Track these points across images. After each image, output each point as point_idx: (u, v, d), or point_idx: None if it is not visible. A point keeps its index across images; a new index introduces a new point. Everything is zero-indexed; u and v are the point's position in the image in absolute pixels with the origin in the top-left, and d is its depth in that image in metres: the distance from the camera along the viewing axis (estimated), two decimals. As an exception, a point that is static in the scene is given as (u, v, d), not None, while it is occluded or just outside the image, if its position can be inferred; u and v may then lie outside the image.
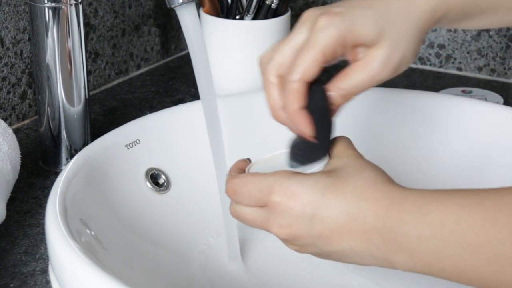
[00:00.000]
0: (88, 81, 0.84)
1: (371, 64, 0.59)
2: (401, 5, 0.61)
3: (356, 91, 0.60)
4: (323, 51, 0.59)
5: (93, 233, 0.64)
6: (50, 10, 0.78)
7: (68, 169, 0.68)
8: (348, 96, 0.60)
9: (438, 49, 1.11)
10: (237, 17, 0.96)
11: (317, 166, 0.60)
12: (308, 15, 0.62)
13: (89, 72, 1.01)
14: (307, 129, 0.59)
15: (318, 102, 0.59)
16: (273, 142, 0.77)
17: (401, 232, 0.52)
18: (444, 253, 0.50)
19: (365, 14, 0.59)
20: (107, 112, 0.98)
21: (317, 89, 0.59)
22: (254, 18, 0.94)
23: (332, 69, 0.63)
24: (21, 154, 0.75)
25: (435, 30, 1.10)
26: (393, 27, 0.60)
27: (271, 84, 0.61)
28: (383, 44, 0.59)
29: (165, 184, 0.76)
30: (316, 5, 1.16)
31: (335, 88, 0.60)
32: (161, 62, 1.14)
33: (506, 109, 0.82)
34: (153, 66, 1.12)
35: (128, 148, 0.75)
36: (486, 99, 0.99)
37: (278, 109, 0.61)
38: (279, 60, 0.61)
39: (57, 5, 0.78)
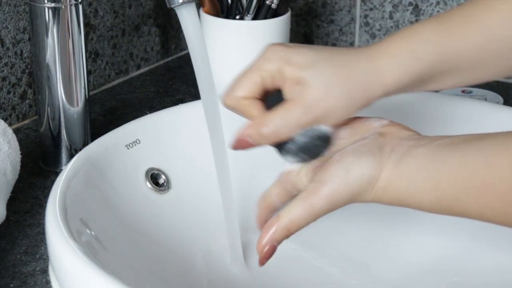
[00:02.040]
0: (88, 81, 0.84)
1: (293, 105, 0.59)
2: (350, 61, 0.61)
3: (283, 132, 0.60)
4: (261, 75, 0.61)
5: (93, 233, 0.64)
6: (50, 10, 0.78)
7: (68, 169, 0.68)
8: (280, 135, 0.60)
9: (438, 49, 1.11)
10: (237, 17, 0.95)
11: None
12: (264, 47, 0.63)
13: (89, 72, 1.01)
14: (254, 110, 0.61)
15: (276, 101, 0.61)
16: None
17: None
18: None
19: (308, 54, 0.60)
20: (107, 112, 0.98)
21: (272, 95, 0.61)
22: (254, 18, 0.94)
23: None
24: (21, 154, 0.75)
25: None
26: (331, 75, 0.59)
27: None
28: (313, 88, 0.59)
29: (165, 184, 0.76)
30: (316, 5, 1.16)
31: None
32: (161, 62, 1.14)
33: (506, 109, 0.82)
34: (153, 66, 1.12)
35: (128, 148, 0.75)
36: (486, 99, 0.99)
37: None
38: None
39: (57, 5, 0.78)
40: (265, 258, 0.60)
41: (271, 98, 0.61)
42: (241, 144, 0.61)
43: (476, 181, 0.54)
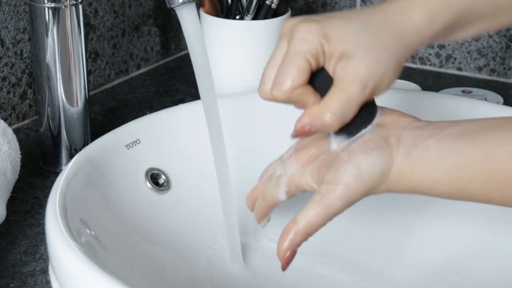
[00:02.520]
0: (88, 81, 0.84)
1: (349, 83, 0.56)
2: (383, 20, 0.58)
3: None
4: (306, 58, 0.57)
5: (93, 233, 0.64)
6: (50, 10, 0.78)
7: (68, 169, 0.68)
8: (344, 118, 0.58)
9: (438, 49, 1.11)
10: (237, 17, 0.95)
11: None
12: (286, 26, 0.59)
13: (89, 72, 1.01)
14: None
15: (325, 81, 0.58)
16: (273, 141, 0.77)
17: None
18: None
19: (344, 25, 0.57)
20: (107, 112, 0.98)
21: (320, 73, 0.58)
22: (254, 18, 0.94)
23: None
24: (21, 154, 0.75)
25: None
26: (374, 42, 0.57)
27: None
28: (362, 59, 0.56)
29: (165, 184, 0.76)
30: (316, 5, 1.16)
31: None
32: (161, 62, 1.14)
33: (506, 109, 0.82)
34: (153, 66, 1.12)
35: (128, 148, 0.75)
36: (486, 99, 0.99)
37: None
38: (268, 84, 0.59)
39: (57, 5, 0.78)
40: (287, 263, 0.59)
41: (317, 78, 0.57)
42: (302, 134, 0.58)
43: (501, 175, 0.54)
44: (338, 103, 0.56)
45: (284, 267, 0.60)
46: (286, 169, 0.61)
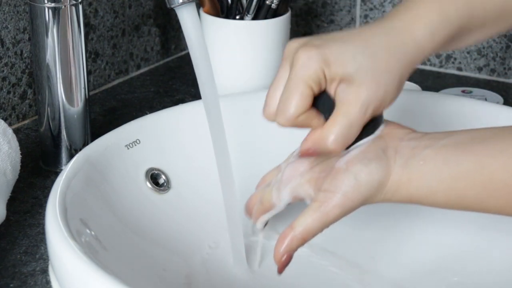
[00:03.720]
0: (88, 81, 0.84)
1: (350, 107, 0.57)
2: (384, 40, 0.58)
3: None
4: (308, 84, 0.57)
5: (93, 233, 0.64)
6: (50, 10, 0.78)
7: (68, 169, 0.68)
8: (346, 142, 0.59)
9: (438, 49, 1.11)
10: (237, 17, 0.95)
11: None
12: (288, 49, 0.60)
13: (89, 72, 1.01)
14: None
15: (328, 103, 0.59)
16: (275, 140, 0.78)
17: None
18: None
19: (343, 49, 0.58)
20: (107, 112, 0.98)
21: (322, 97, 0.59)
22: (254, 18, 0.94)
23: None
24: (21, 154, 0.75)
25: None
26: (374, 63, 0.57)
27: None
28: (362, 83, 0.57)
29: (165, 184, 0.76)
30: (316, 5, 1.16)
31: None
32: (161, 62, 1.14)
33: (506, 109, 0.82)
34: (153, 66, 1.12)
35: (128, 148, 0.75)
36: (486, 99, 0.99)
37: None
38: (272, 106, 0.60)
39: (57, 5, 0.78)
40: (283, 266, 0.61)
41: (320, 100, 0.58)
42: (308, 156, 0.60)
43: (496, 184, 0.55)
44: (340, 128, 0.57)
45: (280, 271, 0.61)
46: (285, 177, 0.62)
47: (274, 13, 0.94)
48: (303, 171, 0.61)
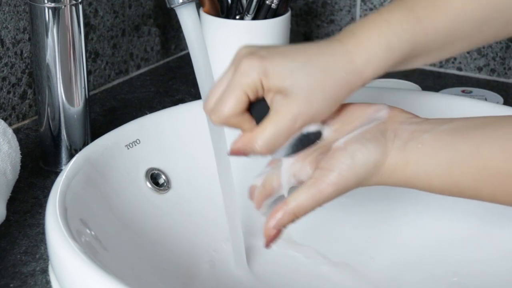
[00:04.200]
0: (88, 81, 0.84)
1: (280, 117, 0.60)
2: (325, 62, 0.61)
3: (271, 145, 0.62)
4: (245, 91, 0.60)
5: (93, 233, 0.64)
6: (50, 10, 0.78)
7: (68, 169, 0.68)
8: (272, 148, 0.62)
9: (438, 49, 1.11)
10: (237, 17, 0.95)
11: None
12: (237, 55, 0.63)
13: (89, 72, 1.01)
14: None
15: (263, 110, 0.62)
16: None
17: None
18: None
19: (285, 63, 0.60)
20: (107, 112, 0.98)
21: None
22: (254, 18, 0.94)
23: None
24: (21, 154, 0.75)
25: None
26: (310, 82, 0.60)
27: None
28: (296, 98, 0.60)
29: (165, 184, 0.76)
30: (316, 5, 1.16)
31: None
32: (161, 62, 1.14)
33: (506, 109, 0.82)
34: (153, 66, 1.12)
35: (128, 148, 0.75)
36: (486, 99, 0.99)
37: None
38: (210, 103, 0.63)
39: (57, 5, 0.78)
40: (270, 241, 0.62)
41: (256, 106, 0.62)
42: (236, 154, 0.63)
43: (491, 170, 0.56)
44: (268, 135, 0.61)
45: (267, 245, 0.62)
46: (287, 161, 0.63)
47: (274, 13, 0.94)
48: (305, 157, 0.62)
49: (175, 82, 1.07)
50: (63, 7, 0.79)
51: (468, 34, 0.64)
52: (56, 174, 0.77)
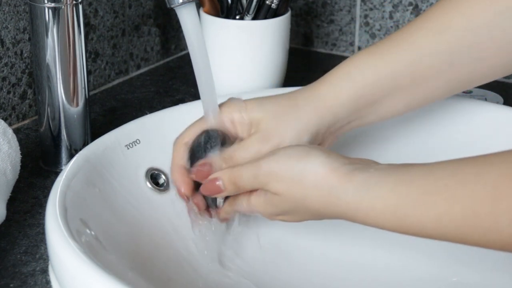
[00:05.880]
0: (88, 81, 0.84)
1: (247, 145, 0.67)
2: (289, 106, 0.68)
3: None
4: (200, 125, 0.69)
5: (93, 233, 0.64)
6: (50, 10, 0.78)
7: (68, 169, 0.68)
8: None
9: (438, 49, 1.11)
10: (237, 17, 0.96)
11: None
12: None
13: (89, 72, 1.01)
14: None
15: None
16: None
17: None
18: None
19: (261, 101, 0.69)
20: (107, 112, 0.98)
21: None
22: (254, 18, 0.94)
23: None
24: (21, 154, 0.75)
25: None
26: (282, 108, 0.67)
27: None
28: (266, 119, 0.67)
29: (165, 184, 0.76)
30: (316, 5, 1.16)
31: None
32: (161, 62, 1.14)
33: (506, 109, 0.82)
34: (153, 66, 1.12)
35: (128, 148, 0.75)
36: (486, 99, 0.99)
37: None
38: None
39: (57, 5, 0.78)
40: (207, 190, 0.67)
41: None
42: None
43: (410, 229, 0.58)
44: (238, 152, 0.68)
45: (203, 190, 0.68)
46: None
47: (274, 13, 0.94)
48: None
49: (175, 82, 1.07)
50: (63, 7, 0.79)
51: (440, 69, 0.67)
52: (56, 174, 0.77)
